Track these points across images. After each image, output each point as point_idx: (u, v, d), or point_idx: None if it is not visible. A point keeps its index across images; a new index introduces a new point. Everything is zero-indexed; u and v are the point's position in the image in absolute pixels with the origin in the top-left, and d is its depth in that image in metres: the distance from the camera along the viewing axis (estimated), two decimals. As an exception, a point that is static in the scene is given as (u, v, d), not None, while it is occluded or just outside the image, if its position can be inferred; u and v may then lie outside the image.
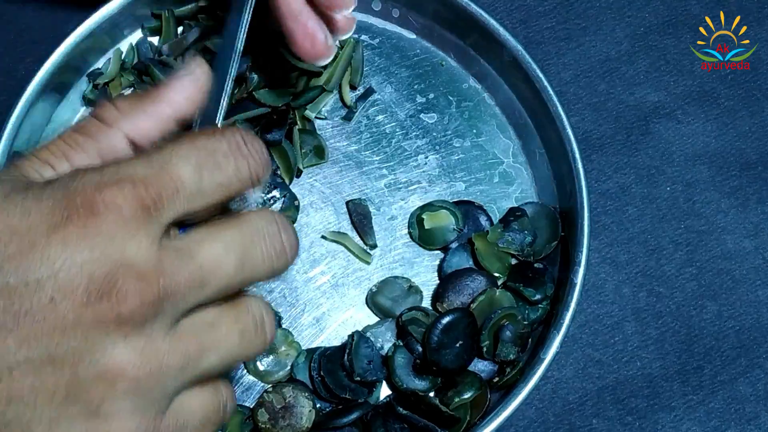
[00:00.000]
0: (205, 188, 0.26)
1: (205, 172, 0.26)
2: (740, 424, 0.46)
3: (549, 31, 0.53)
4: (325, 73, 0.48)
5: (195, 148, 0.27)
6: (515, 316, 0.43)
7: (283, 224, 0.28)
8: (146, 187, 0.25)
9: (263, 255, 0.27)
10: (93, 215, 0.24)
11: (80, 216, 0.24)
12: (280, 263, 0.28)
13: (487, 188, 0.48)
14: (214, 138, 0.27)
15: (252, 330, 0.28)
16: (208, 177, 0.26)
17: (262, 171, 0.28)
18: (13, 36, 0.52)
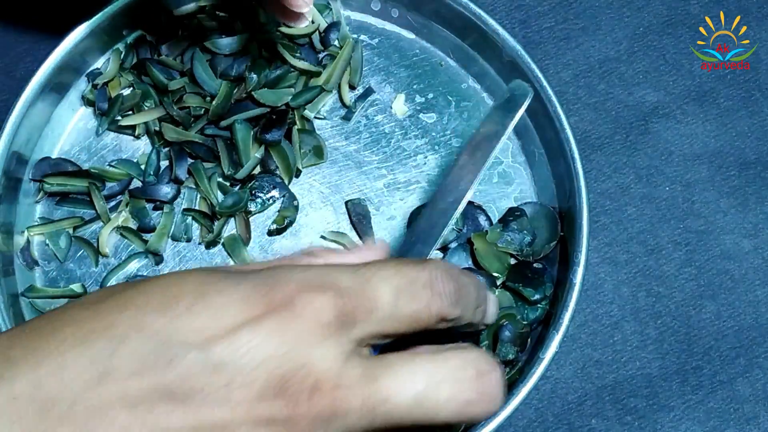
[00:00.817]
0: (398, 315, 0.26)
1: (401, 299, 0.26)
2: (739, 424, 0.46)
3: (548, 31, 0.53)
4: (324, 73, 0.48)
5: (398, 273, 0.27)
6: (514, 316, 0.43)
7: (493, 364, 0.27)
8: (346, 298, 0.25)
9: (448, 398, 0.26)
10: (289, 312, 0.24)
11: (277, 310, 0.24)
12: (470, 412, 0.26)
13: (486, 188, 0.48)
14: (418, 267, 0.27)
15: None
16: (404, 304, 0.26)
17: (452, 310, 0.27)
18: (12, 36, 0.52)
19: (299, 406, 0.24)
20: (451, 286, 0.27)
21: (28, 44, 0.52)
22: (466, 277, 0.29)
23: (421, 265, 0.27)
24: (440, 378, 0.25)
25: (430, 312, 0.27)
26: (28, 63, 0.51)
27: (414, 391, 0.25)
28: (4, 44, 0.51)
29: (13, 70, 0.51)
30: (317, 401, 0.24)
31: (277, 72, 0.47)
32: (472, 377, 0.26)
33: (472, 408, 0.26)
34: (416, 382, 0.25)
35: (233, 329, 0.24)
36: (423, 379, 0.25)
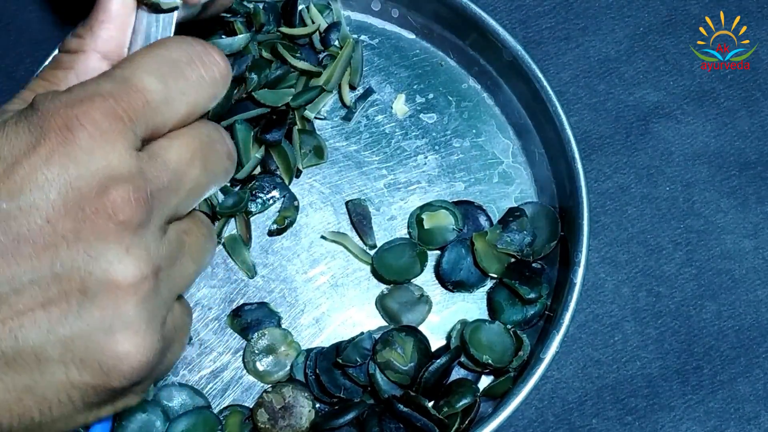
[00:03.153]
0: (172, 97, 0.27)
1: (170, 80, 0.27)
2: (740, 424, 0.46)
3: (548, 31, 0.53)
4: (324, 73, 0.48)
5: (157, 60, 0.28)
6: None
7: (222, 130, 0.31)
8: (115, 99, 0.26)
9: (218, 157, 0.30)
10: (70, 132, 0.25)
11: (58, 135, 0.25)
12: (230, 165, 0.31)
13: (486, 188, 0.48)
14: (174, 48, 0.28)
15: (208, 235, 0.31)
16: (174, 85, 0.27)
17: (225, 76, 0.29)
18: (12, 37, 0.52)
19: (121, 210, 0.25)
20: (216, 54, 0.29)
21: (28, 45, 0.52)
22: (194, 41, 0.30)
23: (176, 44, 0.29)
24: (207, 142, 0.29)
25: (204, 83, 0.29)
26: (28, 64, 0.51)
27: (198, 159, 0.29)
28: (4, 45, 0.51)
29: (13, 71, 0.51)
30: (134, 198, 0.25)
31: (277, 72, 0.47)
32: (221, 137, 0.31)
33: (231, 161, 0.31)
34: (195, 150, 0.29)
35: (30, 169, 0.25)
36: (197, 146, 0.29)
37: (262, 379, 0.44)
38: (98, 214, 0.25)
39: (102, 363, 0.25)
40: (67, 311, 0.25)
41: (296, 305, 0.46)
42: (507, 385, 0.42)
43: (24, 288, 0.24)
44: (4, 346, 0.25)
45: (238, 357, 0.45)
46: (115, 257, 0.25)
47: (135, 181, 0.25)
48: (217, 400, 0.44)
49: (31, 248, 0.24)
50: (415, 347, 0.43)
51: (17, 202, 0.24)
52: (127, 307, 0.25)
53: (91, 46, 0.31)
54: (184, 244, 0.29)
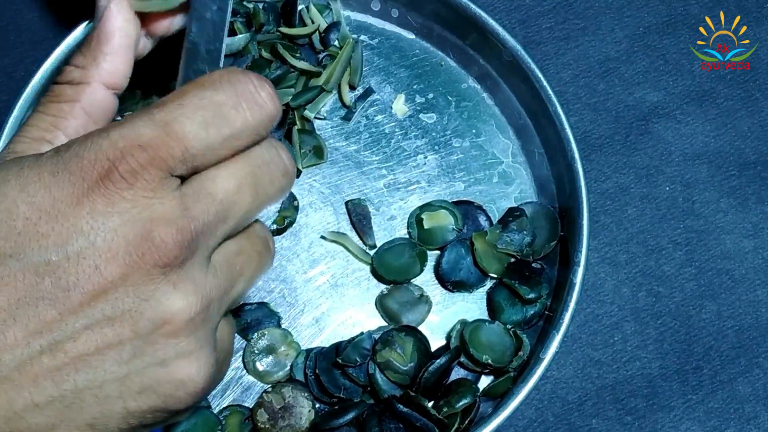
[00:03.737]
0: (213, 143, 0.27)
1: (212, 129, 0.27)
2: (739, 424, 0.46)
3: (548, 31, 0.53)
4: (324, 73, 0.48)
5: (200, 104, 0.27)
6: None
7: (280, 146, 0.30)
8: (154, 149, 0.26)
9: (271, 179, 0.29)
10: (111, 183, 0.25)
11: (100, 186, 0.25)
12: (287, 182, 0.30)
13: (486, 188, 0.48)
14: (221, 90, 0.27)
15: (264, 250, 0.30)
16: (215, 133, 0.27)
17: (273, 118, 0.28)
18: (12, 36, 0.52)
19: (166, 250, 0.25)
20: (266, 92, 0.28)
21: (28, 45, 0.52)
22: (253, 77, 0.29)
23: (225, 84, 0.27)
24: (259, 167, 0.28)
25: (249, 126, 0.28)
26: (28, 64, 0.51)
27: (248, 186, 0.28)
28: (4, 45, 0.51)
29: (13, 70, 0.51)
30: (178, 237, 0.26)
31: (277, 72, 0.47)
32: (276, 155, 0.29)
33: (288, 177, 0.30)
34: (245, 177, 0.28)
35: (74, 219, 0.25)
36: (248, 172, 0.28)
37: (262, 379, 0.44)
38: (144, 259, 0.25)
39: (158, 392, 0.26)
40: (122, 352, 0.26)
41: (296, 305, 0.46)
42: (507, 385, 0.42)
43: (78, 334, 0.25)
44: (63, 391, 0.25)
45: (237, 357, 0.45)
46: (163, 296, 0.26)
47: (178, 222, 0.26)
48: (217, 400, 0.44)
49: (82, 296, 0.25)
50: (414, 347, 0.43)
51: (65, 252, 0.25)
52: (179, 341, 0.26)
53: (95, 77, 0.31)
54: (235, 266, 0.29)
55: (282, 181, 0.29)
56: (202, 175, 0.27)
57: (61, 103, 0.31)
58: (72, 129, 0.30)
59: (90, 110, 0.30)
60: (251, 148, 0.28)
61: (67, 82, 0.31)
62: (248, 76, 0.28)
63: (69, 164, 0.26)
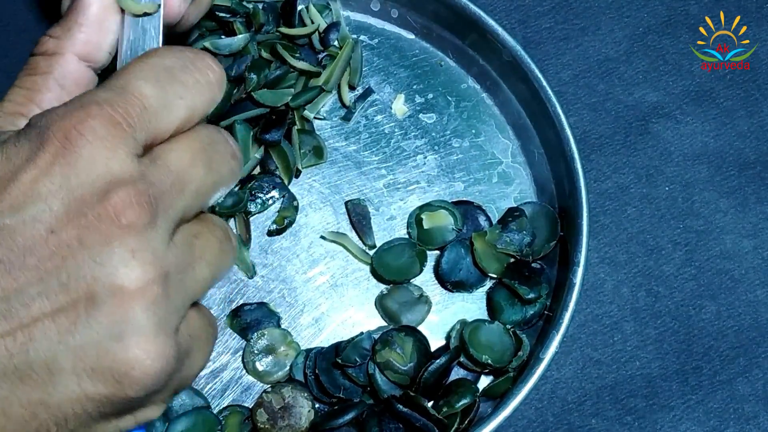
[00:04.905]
0: (170, 101, 0.27)
1: (166, 86, 0.27)
2: (739, 424, 0.46)
3: (548, 31, 0.53)
4: (324, 73, 0.48)
5: (151, 67, 0.27)
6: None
7: (225, 132, 0.30)
8: (112, 106, 0.26)
9: (222, 157, 0.29)
10: (69, 142, 0.25)
11: (57, 146, 0.25)
12: (235, 164, 0.30)
13: (485, 188, 0.48)
14: (166, 55, 0.28)
15: (224, 237, 0.30)
16: (171, 90, 0.27)
17: (220, 79, 0.29)
18: (11, 37, 0.52)
19: (124, 213, 0.25)
20: (208, 60, 0.29)
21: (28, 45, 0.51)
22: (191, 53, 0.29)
23: (167, 52, 0.28)
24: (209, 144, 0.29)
25: (201, 88, 0.28)
26: (27, 64, 0.51)
27: (200, 160, 0.28)
28: (4, 45, 0.51)
29: (13, 71, 0.50)
30: (137, 201, 0.25)
31: (276, 72, 0.47)
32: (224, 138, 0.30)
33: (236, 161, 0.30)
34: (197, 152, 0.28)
35: (31, 182, 0.25)
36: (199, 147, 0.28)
37: (262, 379, 0.44)
38: (101, 219, 0.25)
39: (113, 371, 0.25)
40: (76, 320, 0.25)
41: (296, 305, 0.46)
42: (506, 385, 0.42)
43: (32, 300, 0.24)
44: (16, 360, 0.25)
45: (237, 357, 0.45)
46: (120, 261, 0.25)
47: (136, 184, 0.25)
48: (217, 401, 0.44)
49: (37, 260, 0.24)
50: (414, 347, 0.43)
51: (20, 215, 0.24)
52: (134, 312, 0.25)
53: (68, 48, 0.30)
54: (195, 248, 0.28)
55: (232, 163, 0.30)
56: (157, 148, 0.27)
57: (35, 76, 0.30)
58: (46, 102, 0.30)
59: (63, 83, 0.30)
60: (199, 127, 0.29)
61: (41, 53, 0.31)
62: (187, 48, 0.29)
63: (27, 132, 0.26)
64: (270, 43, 0.48)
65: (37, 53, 0.31)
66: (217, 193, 0.30)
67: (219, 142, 0.29)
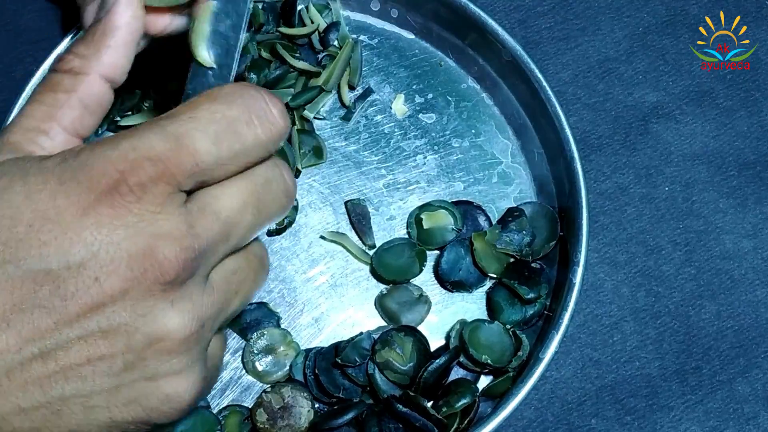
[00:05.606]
0: (224, 159, 0.27)
1: (224, 143, 0.26)
2: (739, 424, 0.46)
3: (547, 31, 0.53)
4: (323, 73, 0.48)
5: (213, 118, 0.26)
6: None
7: (282, 165, 0.29)
8: (165, 164, 0.25)
9: (274, 198, 0.29)
10: (119, 195, 0.25)
11: (107, 197, 0.25)
12: (287, 201, 0.29)
13: (485, 188, 0.48)
14: (234, 105, 0.27)
15: (259, 268, 0.30)
16: (227, 148, 0.26)
17: (283, 136, 0.28)
18: (11, 37, 0.52)
19: (168, 269, 0.25)
20: (277, 109, 0.28)
21: (28, 45, 0.52)
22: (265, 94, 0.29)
23: (238, 101, 0.27)
24: (263, 186, 0.28)
25: (260, 143, 0.27)
26: (27, 64, 0.51)
27: (251, 205, 0.28)
28: (4, 45, 0.52)
29: (12, 70, 0.51)
30: (181, 257, 0.25)
31: (276, 72, 0.47)
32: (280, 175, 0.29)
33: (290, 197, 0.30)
34: (249, 196, 0.28)
35: (77, 230, 0.25)
36: (251, 190, 0.28)
37: (261, 379, 0.44)
38: (146, 274, 0.25)
39: (144, 406, 0.26)
40: (113, 365, 0.25)
41: (295, 305, 0.46)
42: (506, 385, 0.42)
43: (71, 344, 0.25)
44: (50, 398, 0.25)
45: (237, 357, 0.45)
46: (160, 312, 0.25)
47: (183, 240, 0.25)
48: (216, 400, 0.44)
49: (79, 307, 0.25)
50: (414, 347, 0.43)
51: (65, 262, 0.25)
52: (170, 358, 0.26)
53: (95, 68, 0.30)
54: (232, 285, 0.29)
55: (283, 201, 0.29)
56: (206, 191, 0.27)
57: (58, 93, 0.30)
58: (68, 120, 0.30)
59: (87, 102, 0.30)
60: (256, 167, 0.28)
61: (66, 70, 0.30)
62: (260, 93, 0.28)
63: (76, 173, 0.25)
64: (270, 42, 0.48)
65: (61, 70, 0.30)
66: (263, 229, 0.29)
67: (273, 180, 0.29)
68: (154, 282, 0.25)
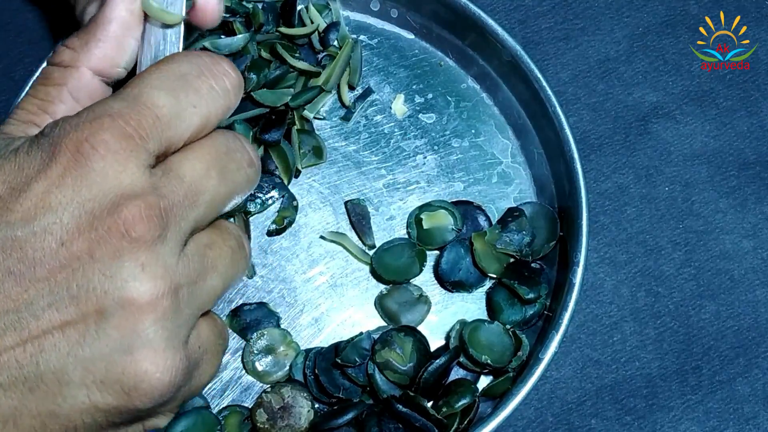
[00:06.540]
0: (184, 110, 0.27)
1: (180, 94, 0.27)
2: (739, 424, 0.46)
3: (547, 31, 0.53)
4: (323, 73, 0.48)
5: (165, 75, 0.27)
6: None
7: (243, 138, 0.30)
8: (125, 118, 0.26)
9: (238, 165, 0.29)
10: (81, 155, 0.25)
11: (69, 158, 0.25)
12: (252, 172, 0.30)
13: (485, 188, 0.48)
14: (182, 61, 0.28)
15: (237, 247, 0.30)
16: (184, 99, 0.27)
17: (237, 86, 0.29)
18: (11, 37, 0.52)
19: (134, 227, 0.25)
20: (225, 64, 0.29)
21: (28, 45, 0.52)
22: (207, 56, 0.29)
23: (183, 58, 0.28)
24: (224, 152, 0.29)
25: (216, 95, 0.28)
26: (27, 64, 0.51)
27: (214, 169, 0.28)
28: (3, 45, 0.52)
29: (12, 71, 0.51)
30: (147, 214, 0.25)
31: (276, 72, 0.47)
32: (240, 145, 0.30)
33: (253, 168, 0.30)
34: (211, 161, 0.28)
35: (42, 194, 0.25)
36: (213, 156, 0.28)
37: (261, 379, 0.44)
38: (111, 232, 0.25)
39: (122, 383, 0.25)
40: (86, 332, 0.25)
41: (295, 305, 0.46)
42: (506, 386, 0.42)
43: (42, 312, 0.25)
44: (26, 371, 0.25)
45: (237, 357, 0.45)
46: (130, 275, 0.25)
47: (147, 197, 0.25)
48: (216, 400, 0.44)
49: (47, 272, 0.25)
50: (414, 347, 0.43)
51: (31, 227, 0.25)
52: (144, 326, 0.25)
53: (84, 62, 0.30)
54: (207, 258, 0.28)
55: (248, 171, 0.30)
56: (170, 158, 0.27)
57: (49, 87, 0.30)
58: (59, 113, 0.30)
59: (77, 95, 0.30)
60: (215, 135, 0.29)
61: (57, 63, 0.31)
62: (204, 53, 0.29)
63: (40, 142, 0.26)
64: (270, 42, 0.48)
65: (53, 63, 0.31)
66: (233, 201, 0.30)
67: (235, 150, 0.29)
68: (120, 239, 0.25)
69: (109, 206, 0.25)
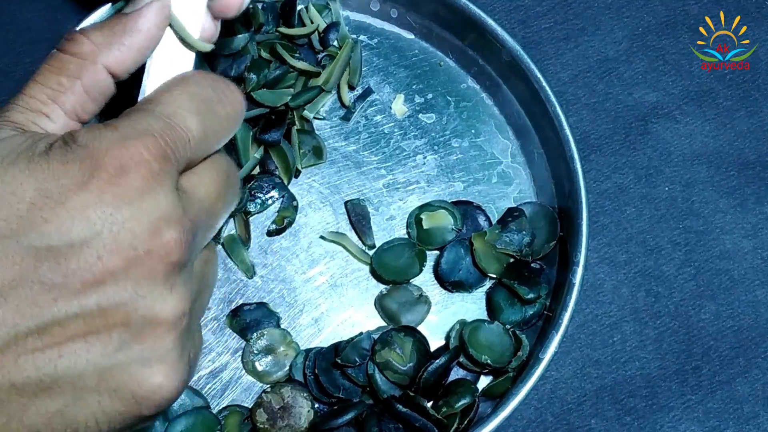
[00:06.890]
0: (208, 135, 0.28)
1: (206, 119, 0.28)
2: (739, 424, 0.46)
3: (547, 31, 0.53)
4: (323, 73, 0.48)
5: (193, 99, 0.28)
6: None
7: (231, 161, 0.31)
8: (165, 139, 0.26)
9: (235, 189, 0.31)
10: (124, 172, 0.25)
11: (112, 175, 0.25)
12: (238, 196, 0.32)
13: (485, 188, 0.48)
14: (205, 86, 0.29)
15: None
16: (209, 124, 0.28)
17: (243, 112, 0.31)
18: (11, 36, 0.52)
19: (174, 253, 0.26)
20: (236, 92, 0.30)
21: (27, 45, 0.52)
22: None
23: (205, 82, 0.29)
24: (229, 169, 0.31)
25: (230, 121, 0.30)
26: (27, 64, 0.51)
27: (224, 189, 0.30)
28: (3, 45, 0.51)
29: (12, 70, 0.51)
30: (182, 241, 0.26)
31: (276, 72, 0.47)
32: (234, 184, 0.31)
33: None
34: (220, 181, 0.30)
35: (81, 207, 0.25)
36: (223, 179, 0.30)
37: (261, 379, 0.44)
38: (151, 255, 0.25)
39: (135, 393, 0.26)
40: (108, 344, 0.25)
41: (295, 305, 0.46)
42: (506, 386, 0.42)
43: (68, 320, 0.25)
44: (42, 374, 0.25)
45: (237, 357, 0.45)
46: (160, 295, 0.26)
47: (184, 223, 0.26)
48: (216, 400, 0.44)
49: (80, 284, 0.25)
50: (414, 347, 0.43)
51: (68, 238, 0.25)
52: (165, 342, 0.26)
53: (103, 59, 0.30)
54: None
55: (237, 192, 0.31)
56: (186, 178, 0.28)
57: (62, 77, 0.30)
58: (69, 105, 0.29)
59: (89, 90, 0.30)
60: (219, 158, 0.30)
61: (74, 53, 0.30)
62: (218, 77, 0.30)
63: (76, 152, 0.26)
64: (269, 43, 0.48)
65: (69, 52, 0.30)
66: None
67: (232, 174, 0.31)
68: (158, 263, 0.25)
69: (149, 228, 0.25)
